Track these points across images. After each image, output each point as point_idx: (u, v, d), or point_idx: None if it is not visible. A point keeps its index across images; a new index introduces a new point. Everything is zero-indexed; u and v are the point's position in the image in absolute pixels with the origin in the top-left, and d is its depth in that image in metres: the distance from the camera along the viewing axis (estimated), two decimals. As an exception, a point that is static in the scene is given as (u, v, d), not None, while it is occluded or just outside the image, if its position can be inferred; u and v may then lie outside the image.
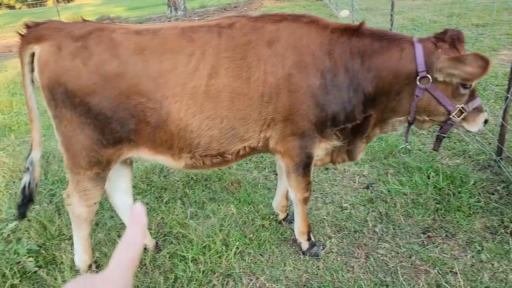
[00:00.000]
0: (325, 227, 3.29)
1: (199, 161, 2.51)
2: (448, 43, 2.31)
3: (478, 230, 3.07)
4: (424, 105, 2.42)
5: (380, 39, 2.45)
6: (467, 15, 10.46)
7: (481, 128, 2.50)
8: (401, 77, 2.40)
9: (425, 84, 2.35)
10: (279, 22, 2.48)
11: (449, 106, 2.38)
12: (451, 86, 2.34)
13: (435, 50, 2.32)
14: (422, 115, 2.48)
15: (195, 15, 19.15)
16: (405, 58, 2.37)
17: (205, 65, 2.31)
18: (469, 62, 2.15)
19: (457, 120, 2.43)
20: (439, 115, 2.45)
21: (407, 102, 2.45)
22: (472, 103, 2.41)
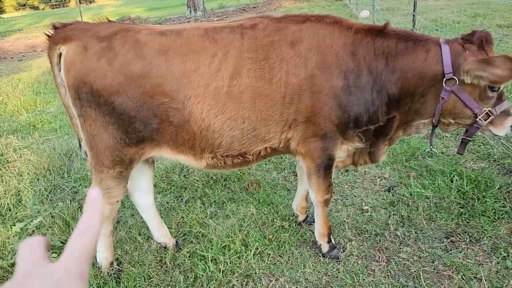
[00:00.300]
0: (345, 229, 3.26)
1: (221, 161, 2.51)
2: (476, 45, 2.26)
3: (503, 236, 3.00)
4: (449, 108, 2.37)
5: (405, 40, 2.42)
6: (491, 16, 10.24)
7: (509, 132, 2.44)
8: (427, 79, 2.35)
9: (452, 86, 2.30)
10: (302, 23, 2.46)
11: (475, 109, 2.32)
12: (479, 88, 2.29)
13: (462, 52, 2.27)
14: (448, 118, 2.43)
15: (214, 16, 19.26)
16: (431, 59, 2.33)
17: (227, 66, 2.31)
18: (498, 64, 2.09)
19: (483, 123, 2.37)
20: (465, 118, 2.40)
21: (432, 104, 2.40)
22: (499, 106, 2.34)
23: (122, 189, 2.61)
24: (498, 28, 9.23)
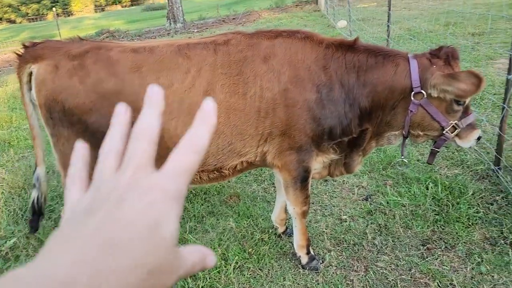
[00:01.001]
0: (324, 240, 3.28)
1: (196, 177, 2.52)
2: (443, 60, 2.34)
3: (477, 242, 3.07)
4: (418, 120, 2.45)
5: (375, 54, 2.49)
6: (463, 24, 10.55)
7: (473, 144, 2.53)
8: (396, 92, 2.43)
9: (420, 100, 2.37)
10: (274, 38, 2.51)
11: (442, 122, 2.41)
12: (445, 102, 2.36)
13: (429, 67, 2.35)
14: (417, 130, 2.50)
15: (194, 27, 19.30)
16: (400, 73, 2.40)
17: (201, 82, 2.33)
18: (463, 79, 2.17)
19: (450, 136, 2.45)
20: (433, 130, 2.48)
21: (402, 116, 2.47)
22: (465, 120, 2.44)
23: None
24: (470, 36, 9.51)
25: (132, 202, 0.45)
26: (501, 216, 3.28)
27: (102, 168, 0.51)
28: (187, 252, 0.50)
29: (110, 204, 0.45)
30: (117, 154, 0.53)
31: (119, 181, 0.47)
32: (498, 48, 6.32)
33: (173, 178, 0.49)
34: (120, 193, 0.46)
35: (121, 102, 0.57)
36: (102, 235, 0.42)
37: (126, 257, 0.41)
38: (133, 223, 0.43)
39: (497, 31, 9.45)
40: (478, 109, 5.27)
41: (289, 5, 22.53)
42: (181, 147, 0.52)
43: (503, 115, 3.62)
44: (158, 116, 0.54)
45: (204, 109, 0.55)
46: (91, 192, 0.49)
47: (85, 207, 0.47)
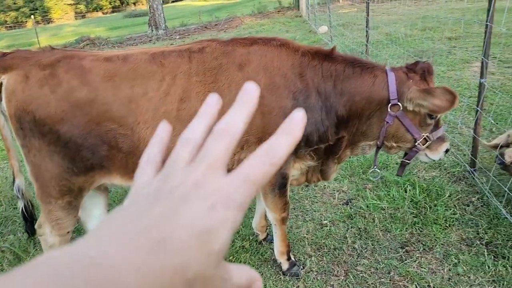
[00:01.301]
0: (305, 245, 3.29)
1: None
2: (419, 75, 2.42)
3: (454, 243, 3.11)
4: (393, 131, 2.51)
5: (353, 65, 2.54)
6: (440, 29, 10.76)
7: (442, 157, 2.63)
8: (374, 103, 2.48)
9: (396, 112, 2.43)
10: (249, 45, 2.51)
11: (415, 134, 2.47)
12: (419, 115, 2.44)
13: (406, 80, 2.42)
14: (391, 141, 2.57)
15: (176, 34, 19.25)
16: (378, 85, 2.46)
17: (176, 90, 2.32)
18: (438, 95, 2.24)
19: (421, 147, 2.53)
20: (406, 142, 2.54)
21: (377, 127, 2.53)
22: (436, 133, 2.52)
23: (73, 219, 2.54)
24: (446, 40, 9.71)
25: (195, 203, 0.42)
26: (477, 217, 3.34)
27: (176, 157, 0.49)
28: (235, 271, 0.48)
29: (173, 200, 0.43)
30: (195, 146, 0.50)
31: (188, 176, 0.45)
32: (473, 52, 6.47)
33: (240, 187, 0.45)
34: (186, 191, 0.43)
35: (213, 93, 0.56)
36: (156, 232, 0.40)
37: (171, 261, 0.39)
38: (189, 227, 0.41)
39: (472, 35, 9.66)
40: (455, 111, 5.36)
41: (271, 11, 22.68)
42: (258, 155, 0.46)
43: (477, 118, 3.70)
44: (247, 118, 0.50)
45: (293, 119, 0.49)
46: (159, 179, 0.48)
47: (149, 194, 0.45)
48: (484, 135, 4.40)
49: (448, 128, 4.94)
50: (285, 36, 13.79)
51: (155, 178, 0.49)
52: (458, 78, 6.81)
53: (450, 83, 6.60)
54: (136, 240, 0.39)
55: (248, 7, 26.15)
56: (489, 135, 4.64)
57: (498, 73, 6.88)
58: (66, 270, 0.35)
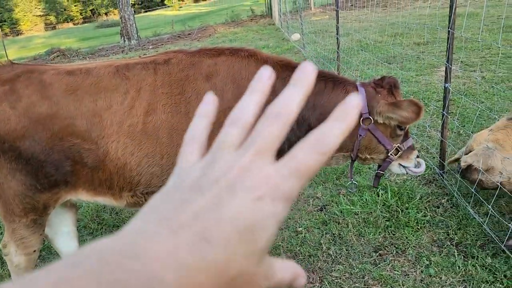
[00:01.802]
0: (280, 254, 3.28)
1: (141, 199, 2.45)
2: (386, 89, 2.51)
3: (426, 245, 3.16)
4: (366, 144, 2.57)
5: (325, 79, 2.58)
6: (409, 35, 11.04)
7: (418, 170, 2.71)
8: None
9: (367, 125, 2.50)
10: (217, 56, 2.51)
11: (387, 145, 2.55)
12: (389, 127, 2.52)
13: (375, 95, 2.50)
14: (364, 153, 2.62)
15: (149, 44, 19.10)
16: None
17: (141, 103, 2.29)
18: (405, 108, 2.34)
19: (394, 158, 2.60)
20: (379, 153, 2.61)
21: (350, 140, 2.58)
22: (406, 142, 2.61)
23: (39, 237, 2.45)
24: (415, 46, 9.97)
25: (241, 194, 0.39)
26: (447, 218, 3.41)
27: (224, 139, 0.46)
28: (279, 266, 0.45)
29: (218, 189, 0.40)
30: (245, 127, 0.47)
31: (236, 162, 0.42)
32: (439, 57, 6.65)
33: (290, 177, 0.42)
34: (232, 180, 0.40)
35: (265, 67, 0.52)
36: (199, 225, 0.38)
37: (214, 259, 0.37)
38: (234, 220, 0.38)
39: (439, 41, 9.94)
40: (424, 115, 5.48)
41: (244, 19, 22.79)
42: (309, 143, 0.43)
43: (443, 121, 3.79)
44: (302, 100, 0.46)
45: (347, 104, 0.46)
46: (204, 165, 0.44)
47: (194, 180, 0.42)
48: (452, 138, 4.52)
49: (417, 132, 5.05)
50: (258, 44, 13.88)
51: (200, 162, 0.46)
52: (426, 83, 6.99)
53: (419, 87, 6.76)
54: (179, 235, 0.37)
55: (221, 15, 26.22)
56: (456, 137, 4.77)
57: (464, 76, 7.10)
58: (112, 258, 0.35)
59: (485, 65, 7.62)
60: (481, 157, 3.20)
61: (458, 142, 4.63)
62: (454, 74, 7.24)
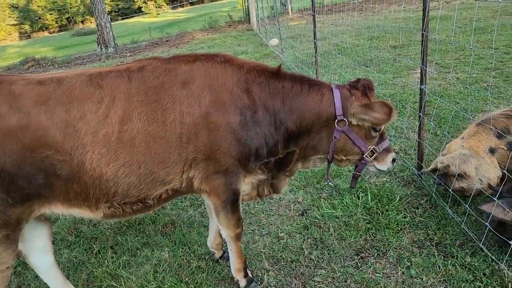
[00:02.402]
0: (262, 260, 3.25)
1: (119, 210, 2.40)
2: (360, 91, 2.55)
3: (406, 246, 3.18)
4: (341, 146, 2.60)
5: (301, 83, 2.61)
6: (385, 38, 11.23)
7: (390, 166, 2.75)
8: (322, 119, 2.56)
9: (342, 127, 2.53)
10: (192, 62, 2.48)
11: (362, 147, 2.59)
12: (364, 129, 2.56)
13: (350, 97, 2.54)
14: (340, 155, 2.65)
15: (126, 51, 18.89)
16: (326, 102, 2.55)
17: (116, 111, 2.24)
18: (377, 109, 2.40)
19: (369, 159, 2.65)
20: (354, 155, 2.65)
21: (326, 142, 2.61)
22: (382, 145, 2.65)
23: (12, 253, 2.36)
24: (391, 49, 10.12)
25: None
26: (426, 218, 3.44)
27: None
28: None
29: None
30: None
31: None
32: (415, 60, 6.76)
33: None
34: None
35: None
36: None
37: None
38: None
39: (415, 43, 10.11)
40: (401, 117, 5.56)
41: (222, 25, 22.78)
42: None
43: (420, 123, 3.84)
44: None
45: None
46: None
47: None
48: (429, 139, 4.58)
49: (395, 134, 5.11)
50: (237, 49, 13.88)
51: None
52: (403, 85, 7.10)
53: (396, 89, 6.86)
54: None
55: (199, 22, 26.14)
56: (433, 138, 4.84)
57: (440, 78, 7.24)
58: None
59: (459, 66, 7.79)
60: (457, 160, 3.26)
61: (435, 142, 4.70)
62: (429, 76, 7.37)
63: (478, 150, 3.29)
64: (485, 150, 3.28)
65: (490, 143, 3.29)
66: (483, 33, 9.98)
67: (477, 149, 3.30)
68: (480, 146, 3.30)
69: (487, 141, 3.30)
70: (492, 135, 3.31)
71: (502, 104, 5.42)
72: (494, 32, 9.67)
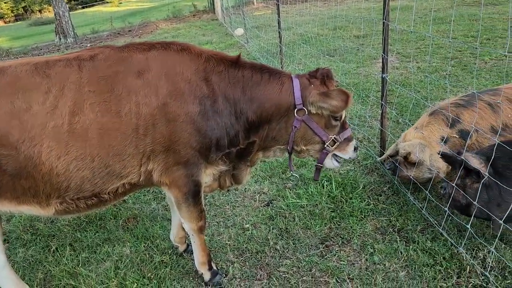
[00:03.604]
0: (227, 252, 3.20)
1: (72, 205, 2.28)
2: (319, 80, 2.53)
3: (370, 233, 3.22)
4: (301, 135, 2.57)
5: (261, 72, 2.55)
6: (348, 28, 11.32)
7: (352, 155, 2.73)
8: (282, 109, 2.53)
9: (302, 116, 2.50)
10: (147, 51, 2.38)
11: (323, 136, 2.56)
12: (324, 118, 2.53)
13: (308, 86, 2.51)
14: (300, 145, 2.62)
15: (87, 42, 18.24)
16: (286, 91, 2.52)
17: (65, 102, 2.11)
18: (334, 97, 2.39)
19: (331, 149, 2.62)
20: (315, 144, 2.62)
21: (286, 132, 2.58)
22: (343, 134, 2.63)
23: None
24: (355, 39, 10.23)
25: None
26: (389, 205, 3.50)
27: None
28: None
29: None
30: None
31: None
32: (378, 49, 6.84)
33: None
34: None
35: None
36: None
37: None
38: None
39: (377, 33, 10.26)
40: (365, 106, 5.63)
41: (186, 15, 22.39)
42: None
43: (382, 111, 3.88)
44: None
45: None
46: None
47: None
48: (391, 127, 4.65)
49: (359, 123, 5.16)
50: (201, 39, 13.67)
51: None
52: (367, 74, 7.19)
53: (360, 79, 6.93)
54: None
55: (163, 11, 25.55)
56: (396, 126, 4.93)
57: (402, 67, 7.37)
58: None
59: (419, 55, 7.96)
60: (417, 147, 3.31)
61: (397, 130, 4.78)
62: (392, 65, 7.50)
63: (430, 140, 3.36)
64: (437, 140, 3.35)
65: (442, 132, 3.36)
66: (442, 23, 10.25)
67: (430, 139, 3.37)
68: (433, 136, 3.37)
69: (439, 131, 3.37)
70: (444, 124, 3.38)
71: (460, 92, 5.58)
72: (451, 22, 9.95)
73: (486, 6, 12.01)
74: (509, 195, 2.59)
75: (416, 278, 2.72)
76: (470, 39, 8.42)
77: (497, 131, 3.18)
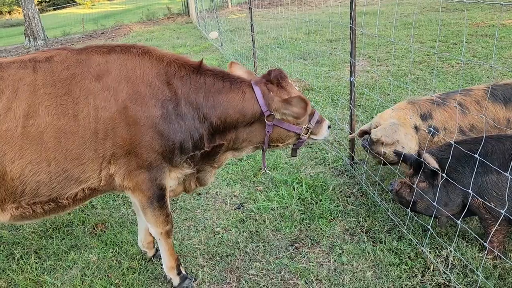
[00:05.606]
0: (197, 256, 3.18)
1: (28, 210, 2.22)
2: (276, 84, 2.57)
3: (339, 234, 3.26)
4: (276, 136, 2.64)
5: (222, 79, 2.56)
6: (322, 32, 11.48)
7: (327, 135, 2.84)
8: (248, 116, 2.55)
9: (272, 120, 2.55)
10: (107, 54, 2.34)
11: (297, 131, 2.64)
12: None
13: (268, 93, 2.54)
14: (276, 143, 2.69)
15: (57, 44, 17.83)
16: (249, 100, 2.54)
17: (19, 104, 2.06)
18: (295, 104, 2.45)
19: (305, 137, 2.71)
20: (291, 138, 2.71)
21: (259, 134, 2.63)
22: (313, 119, 2.70)
23: None
24: (328, 43, 10.36)
25: None
26: (358, 207, 3.54)
27: None
28: None
29: None
30: None
31: None
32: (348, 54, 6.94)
33: None
34: None
35: None
36: None
37: None
38: None
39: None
40: (336, 109, 5.70)
41: (160, 18, 22.20)
42: None
43: (351, 113, 3.94)
44: None
45: None
46: None
47: None
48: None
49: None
50: (176, 42, 13.58)
51: None
52: (339, 78, 7.28)
53: (331, 82, 7.02)
54: None
55: (137, 14, 25.27)
56: (365, 128, 5.00)
57: (372, 71, 7.51)
58: None
59: (389, 59, 8.13)
60: (389, 131, 3.37)
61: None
62: (363, 68, 7.63)
63: (405, 121, 3.43)
64: (411, 125, 3.42)
65: (415, 121, 3.44)
66: (412, 27, 10.50)
67: (404, 120, 3.44)
68: (407, 119, 3.44)
69: (414, 118, 3.45)
70: (417, 115, 3.46)
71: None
72: (415, 27, 10.22)
73: (453, 12, 12.40)
74: (456, 195, 2.77)
75: (383, 278, 2.76)
76: (438, 43, 8.66)
77: (465, 131, 3.28)
